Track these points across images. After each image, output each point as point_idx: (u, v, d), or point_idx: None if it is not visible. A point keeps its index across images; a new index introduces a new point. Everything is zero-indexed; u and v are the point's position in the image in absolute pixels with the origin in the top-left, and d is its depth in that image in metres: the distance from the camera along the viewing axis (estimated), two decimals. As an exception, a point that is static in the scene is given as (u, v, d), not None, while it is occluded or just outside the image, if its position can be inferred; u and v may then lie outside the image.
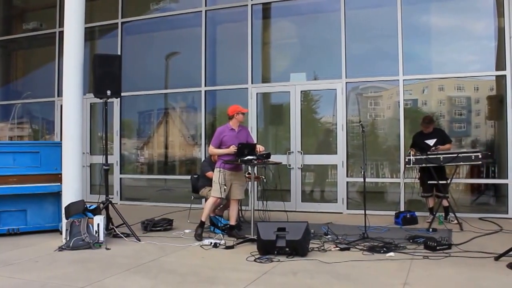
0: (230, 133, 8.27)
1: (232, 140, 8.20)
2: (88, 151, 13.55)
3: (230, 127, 8.35)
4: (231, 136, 8.25)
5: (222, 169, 8.09)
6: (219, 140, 8.26)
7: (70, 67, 8.10)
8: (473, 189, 11.01)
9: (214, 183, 8.16)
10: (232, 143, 8.14)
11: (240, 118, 8.37)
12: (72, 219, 7.57)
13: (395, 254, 6.85)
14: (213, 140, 8.35)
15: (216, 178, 8.12)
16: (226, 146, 8.14)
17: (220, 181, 8.04)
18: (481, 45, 10.87)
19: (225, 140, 8.21)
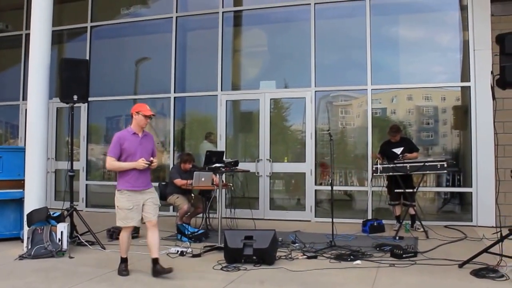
0: (132, 139, 6.39)
1: (135, 148, 6.34)
2: (54, 156, 13.32)
3: (131, 131, 6.47)
4: (134, 143, 6.38)
5: (125, 190, 6.28)
6: (118, 148, 6.29)
7: (35, 71, 7.96)
8: (439, 198, 11.12)
9: (118, 209, 6.35)
10: (137, 153, 6.34)
11: (141, 121, 6.48)
12: (34, 226, 7.43)
13: (362, 262, 6.87)
14: (111, 149, 6.32)
15: (119, 202, 6.31)
16: (129, 156, 6.31)
17: (123, 206, 6.28)
18: (447, 57, 11.05)
19: (126, 149, 6.30)
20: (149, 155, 6.47)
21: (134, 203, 6.26)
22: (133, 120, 6.53)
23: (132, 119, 6.54)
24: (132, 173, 6.27)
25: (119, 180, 6.37)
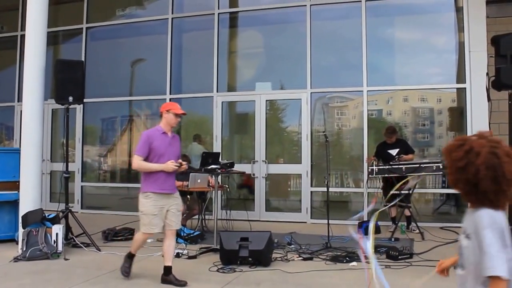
0: (161, 139, 6.08)
1: (165, 148, 6.07)
2: (49, 158, 13.29)
3: (161, 130, 6.16)
4: (163, 143, 6.09)
5: (151, 193, 5.95)
6: (147, 147, 5.97)
7: (31, 72, 7.94)
8: (435, 199, 11.13)
9: (142, 215, 6.02)
10: (166, 154, 6.04)
11: (171, 120, 6.18)
12: (29, 228, 7.40)
13: (357, 263, 6.85)
14: (139, 147, 6.00)
15: (144, 206, 5.98)
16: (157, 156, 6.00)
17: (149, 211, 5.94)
18: (442, 58, 11.07)
19: (155, 148, 5.98)
20: (177, 157, 6.18)
21: (159, 208, 5.93)
22: (163, 119, 6.20)
23: (162, 118, 6.22)
24: (159, 175, 5.95)
25: (144, 182, 6.01)
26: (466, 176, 2.25)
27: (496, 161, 2.21)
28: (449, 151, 2.34)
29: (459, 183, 2.30)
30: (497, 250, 2.14)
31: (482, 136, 2.32)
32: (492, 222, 2.19)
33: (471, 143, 2.28)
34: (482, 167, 2.20)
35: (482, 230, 2.19)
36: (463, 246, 2.37)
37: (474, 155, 2.24)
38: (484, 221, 2.21)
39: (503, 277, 2.12)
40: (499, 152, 2.23)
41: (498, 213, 2.24)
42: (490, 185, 2.20)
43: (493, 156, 2.22)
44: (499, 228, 2.19)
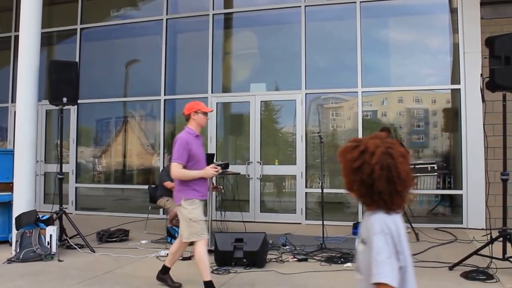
0: (196, 143, 5.79)
1: (200, 153, 5.83)
2: (43, 159, 13.24)
3: (193, 133, 5.81)
4: (199, 147, 5.87)
5: (196, 199, 5.62)
6: (187, 154, 5.59)
7: (24, 73, 7.92)
8: (430, 200, 11.14)
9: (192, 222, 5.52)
10: (201, 158, 5.80)
11: (202, 120, 5.91)
12: (23, 230, 7.37)
13: (352, 264, 6.85)
14: (179, 153, 5.58)
15: (192, 214, 5.54)
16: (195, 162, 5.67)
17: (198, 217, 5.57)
18: (437, 59, 11.08)
19: (194, 154, 5.66)
20: (205, 160, 5.92)
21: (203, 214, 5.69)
22: (192, 121, 5.84)
23: (190, 120, 5.85)
24: (199, 181, 5.66)
25: (186, 189, 5.60)
26: (361, 177, 2.23)
27: (390, 161, 2.20)
28: (344, 153, 2.33)
29: (354, 185, 2.28)
30: (387, 257, 2.13)
31: (377, 137, 2.33)
32: (385, 227, 2.18)
33: (366, 143, 2.28)
34: (377, 167, 2.19)
35: (373, 236, 2.17)
36: (359, 251, 2.34)
37: (369, 155, 2.23)
38: (376, 227, 2.19)
39: (390, 285, 2.10)
40: (394, 152, 2.23)
41: (393, 217, 2.23)
42: (385, 185, 2.19)
43: (387, 156, 2.21)
44: (391, 234, 2.17)
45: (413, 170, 8.60)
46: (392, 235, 2.17)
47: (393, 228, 2.19)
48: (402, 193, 2.23)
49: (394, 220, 2.23)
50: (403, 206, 2.30)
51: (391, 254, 2.14)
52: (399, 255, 2.17)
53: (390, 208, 2.23)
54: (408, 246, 2.24)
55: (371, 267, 2.14)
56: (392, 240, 2.16)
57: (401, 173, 2.20)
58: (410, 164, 7.03)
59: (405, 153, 2.28)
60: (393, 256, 2.14)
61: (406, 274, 2.21)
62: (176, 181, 5.73)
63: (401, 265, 2.17)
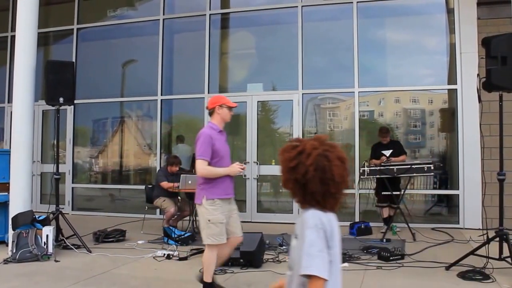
0: (220, 138, 5.50)
1: (224, 149, 5.54)
2: (39, 159, 13.21)
3: (217, 128, 5.54)
4: (223, 143, 5.57)
5: (217, 199, 5.31)
6: (210, 149, 5.31)
7: (21, 73, 7.91)
8: (426, 200, 11.15)
9: (210, 224, 5.25)
10: (225, 155, 5.52)
11: (226, 115, 5.62)
12: (19, 230, 7.36)
13: (349, 264, 6.87)
14: (203, 149, 5.30)
15: (211, 215, 5.25)
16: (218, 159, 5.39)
17: (218, 219, 5.27)
18: (434, 60, 11.08)
19: (217, 150, 5.37)
20: (229, 156, 5.67)
21: (226, 215, 5.35)
22: (216, 115, 5.56)
23: (214, 114, 5.57)
24: (223, 179, 5.36)
25: (208, 188, 5.32)
26: (295, 176, 2.28)
27: (326, 164, 2.25)
28: (283, 151, 2.37)
29: (289, 183, 2.33)
30: (318, 250, 2.19)
31: (318, 139, 2.37)
32: (318, 222, 2.23)
33: (304, 144, 2.32)
34: (311, 168, 2.24)
35: (306, 230, 2.23)
36: (292, 246, 2.41)
37: (305, 156, 2.27)
38: (310, 221, 2.24)
39: (321, 277, 2.15)
40: (331, 155, 2.28)
41: (327, 214, 2.29)
42: (318, 186, 2.25)
43: (323, 159, 2.26)
44: (324, 229, 2.24)
45: (409, 170, 8.66)
46: (325, 230, 2.24)
47: (326, 223, 2.26)
48: (335, 195, 2.30)
49: (328, 217, 2.29)
50: (336, 208, 2.36)
51: (323, 248, 2.20)
52: (329, 250, 2.23)
53: (322, 208, 2.29)
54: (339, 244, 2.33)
55: (301, 260, 2.20)
56: (324, 234, 2.23)
57: (336, 175, 2.26)
58: (406, 164, 7.03)
59: (344, 157, 2.34)
60: (325, 250, 2.21)
61: (334, 269, 2.26)
62: (198, 179, 5.43)
63: (330, 259, 2.23)
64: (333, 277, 2.25)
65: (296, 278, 2.29)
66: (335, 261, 2.29)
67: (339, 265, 2.34)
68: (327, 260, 2.21)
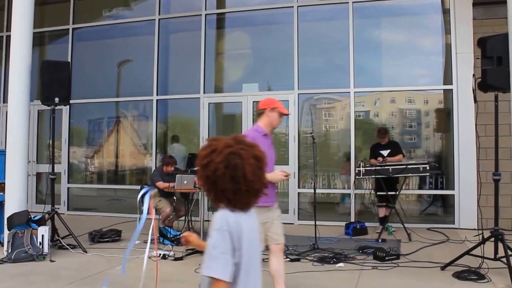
0: (264, 142, 4.98)
1: (270, 154, 4.99)
2: (35, 159, 13.18)
3: (262, 131, 5.19)
4: (267, 147, 4.95)
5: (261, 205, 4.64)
6: None
7: (16, 73, 7.89)
8: (422, 200, 11.17)
9: None
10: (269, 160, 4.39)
11: (275, 120, 5.26)
12: (15, 230, 7.34)
13: (344, 264, 6.89)
14: None
15: None
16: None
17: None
18: (430, 60, 11.11)
19: None
20: (274, 162, 5.30)
21: (262, 224, 4.90)
22: (265, 117, 5.21)
23: (263, 116, 5.23)
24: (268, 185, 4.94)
25: None
26: (206, 173, 2.32)
27: (238, 162, 2.29)
28: (200, 150, 2.42)
29: (201, 180, 2.38)
30: (221, 252, 2.22)
31: (235, 138, 2.42)
32: (224, 224, 2.26)
33: (218, 143, 2.37)
34: (221, 166, 2.27)
35: (212, 231, 2.27)
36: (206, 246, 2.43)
37: (216, 154, 2.31)
38: (216, 223, 2.28)
39: (222, 279, 2.19)
40: (244, 153, 2.31)
41: (237, 216, 2.32)
42: (229, 183, 2.28)
43: (236, 157, 2.30)
44: (230, 231, 2.26)
45: (404, 170, 8.67)
46: (231, 232, 2.26)
47: (233, 225, 2.27)
48: (247, 193, 2.31)
49: (237, 218, 2.31)
50: (249, 207, 2.39)
51: (226, 250, 2.23)
52: (235, 252, 2.26)
53: (234, 206, 2.32)
54: (252, 245, 2.34)
55: (205, 261, 2.25)
56: (230, 237, 2.25)
57: (248, 174, 2.29)
58: (401, 165, 6.96)
59: (261, 156, 2.38)
60: (229, 252, 2.23)
61: (241, 270, 2.29)
62: None
63: (236, 262, 2.26)
64: (241, 279, 2.30)
65: (206, 279, 2.31)
66: (246, 263, 2.31)
67: (255, 267, 2.39)
68: (231, 263, 2.24)
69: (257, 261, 2.44)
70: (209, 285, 2.25)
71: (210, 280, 2.23)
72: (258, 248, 2.49)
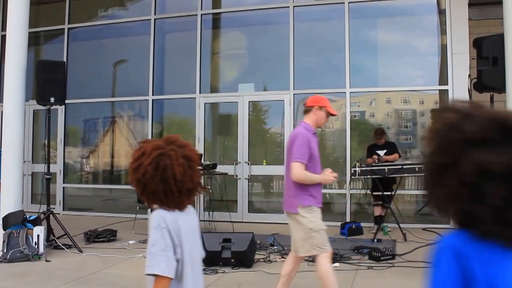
0: (314, 141, 4.96)
1: (318, 154, 4.98)
2: (30, 159, 13.15)
3: (311, 129, 5.00)
4: (316, 146, 4.99)
5: (315, 206, 4.86)
6: (308, 152, 4.78)
7: (12, 73, 7.89)
8: (417, 200, 11.17)
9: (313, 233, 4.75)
10: (318, 160, 4.97)
11: (322, 119, 5.11)
12: (10, 230, 7.33)
13: (340, 264, 6.89)
14: (302, 151, 4.75)
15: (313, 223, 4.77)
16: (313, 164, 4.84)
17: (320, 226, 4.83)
18: (425, 60, 11.12)
19: (313, 154, 4.85)
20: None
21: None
22: (312, 115, 5.02)
23: (310, 113, 5.04)
24: (317, 186, 4.88)
25: (303, 195, 4.78)
26: (137, 177, 2.36)
27: (168, 163, 2.33)
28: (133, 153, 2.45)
29: (133, 183, 2.42)
30: (161, 249, 2.27)
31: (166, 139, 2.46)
32: (161, 222, 2.32)
33: (147, 146, 2.41)
34: (150, 168, 2.32)
35: (150, 230, 2.33)
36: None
37: (145, 157, 2.35)
38: (153, 221, 2.34)
39: (164, 275, 2.24)
40: (174, 154, 2.35)
41: (173, 214, 2.38)
42: (160, 185, 2.32)
43: (166, 158, 2.34)
44: (168, 228, 2.31)
45: (400, 170, 8.68)
46: (169, 229, 2.31)
47: (171, 223, 2.33)
48: (178, 193, 2.35)
49: (175, 216, 2.37)
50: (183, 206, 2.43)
51: (166, 247, 2.29)
52: (176, 249, 2.32)
53: (167, 206, 2.37)
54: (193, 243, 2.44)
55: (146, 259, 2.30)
56: (169, 234, 2.31)
57: (177, 174, 2.32)
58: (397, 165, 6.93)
59: (192, 156, 2.43)
60: (170, 249, 2.29)
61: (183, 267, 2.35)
62: (290, 185, 4.85)
63: (178, 258, 2.32)
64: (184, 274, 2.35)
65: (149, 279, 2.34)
66: (189, 259, 2.37)
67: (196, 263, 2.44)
68: (173, 259, 2.29)
69: (199, 259, 2.50)
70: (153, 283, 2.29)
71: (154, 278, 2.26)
72: (199, 246, 2.54)
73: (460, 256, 1.43)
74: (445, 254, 1.46)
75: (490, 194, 1.34)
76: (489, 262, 1.41)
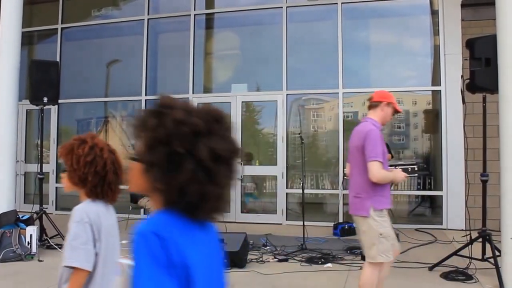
0: (383, 139, 4.73)
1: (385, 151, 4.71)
2: (23, 159, 13.11)
3: (379, 126, 4.75)
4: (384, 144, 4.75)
5: (385, 209, 4.61)
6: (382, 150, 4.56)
7: (4, 72, 7.88)
8: (410, 201, 11.21)
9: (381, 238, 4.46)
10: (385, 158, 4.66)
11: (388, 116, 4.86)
12: (3, 230, 7.31)
13: (332, 265, 6.91)
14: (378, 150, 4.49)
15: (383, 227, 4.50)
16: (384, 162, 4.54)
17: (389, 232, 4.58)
18: (418, 61, 11.16)
19: (384, 152, 4.62)
20: None
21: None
22: (379, 111, 4.78)
23: (377, 109, 4.80)
24: (387, 186, 4.63)
25: (376, 196, 4.50)
26: (95, 169, 2.47)
27: (114, 156, 2.55)
28: (71, 149, 2.55)
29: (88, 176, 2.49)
30: (81, 243, 2.35)
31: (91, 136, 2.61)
32: (84, 216, 2.41)
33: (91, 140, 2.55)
34: (109, 161, 2.50)
35: (71, 223, 2.41)
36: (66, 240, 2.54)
37: (99, 150, 2.50)
38: (76, 215, 2.43)
39: (82, 268, 2.32)
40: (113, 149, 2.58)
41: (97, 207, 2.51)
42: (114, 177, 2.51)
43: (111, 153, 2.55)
44: (91, 222, 2.41)
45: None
46: (91, 223, 2.40)
47: (93, 217, 2.43)
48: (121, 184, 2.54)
49: (97, 210, 2.49)
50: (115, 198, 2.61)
51: (87, 241, 2.36)
52: (96, 243, 2.39)
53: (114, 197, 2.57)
54: (111, 239, 2.51)
55: (65, 252, 2.37)
56: (90, 228, 2.39)
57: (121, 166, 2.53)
58: (390, 165, 6.88)
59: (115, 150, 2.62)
60: (90, 243, 2.36)
61: (99, 262, 2.41)
62: (361, 186, 4.56)
63: (97, 252, 2.39)
64: (102, 269, 2.41)
65: (66, 270, 2.40)
66: (104, 254, 2.43)
67: (112, 260, 2.49)
68: (92, 253, 2.35)
69: (116, 255, 2.54)
70: (70, 275, 2.35)
71: (71, 270, 2.33)
72: (117, 242, 2.60)
73: (162, 239, 1.52)
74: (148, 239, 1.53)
75: (220, 175, 1.56)
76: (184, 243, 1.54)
